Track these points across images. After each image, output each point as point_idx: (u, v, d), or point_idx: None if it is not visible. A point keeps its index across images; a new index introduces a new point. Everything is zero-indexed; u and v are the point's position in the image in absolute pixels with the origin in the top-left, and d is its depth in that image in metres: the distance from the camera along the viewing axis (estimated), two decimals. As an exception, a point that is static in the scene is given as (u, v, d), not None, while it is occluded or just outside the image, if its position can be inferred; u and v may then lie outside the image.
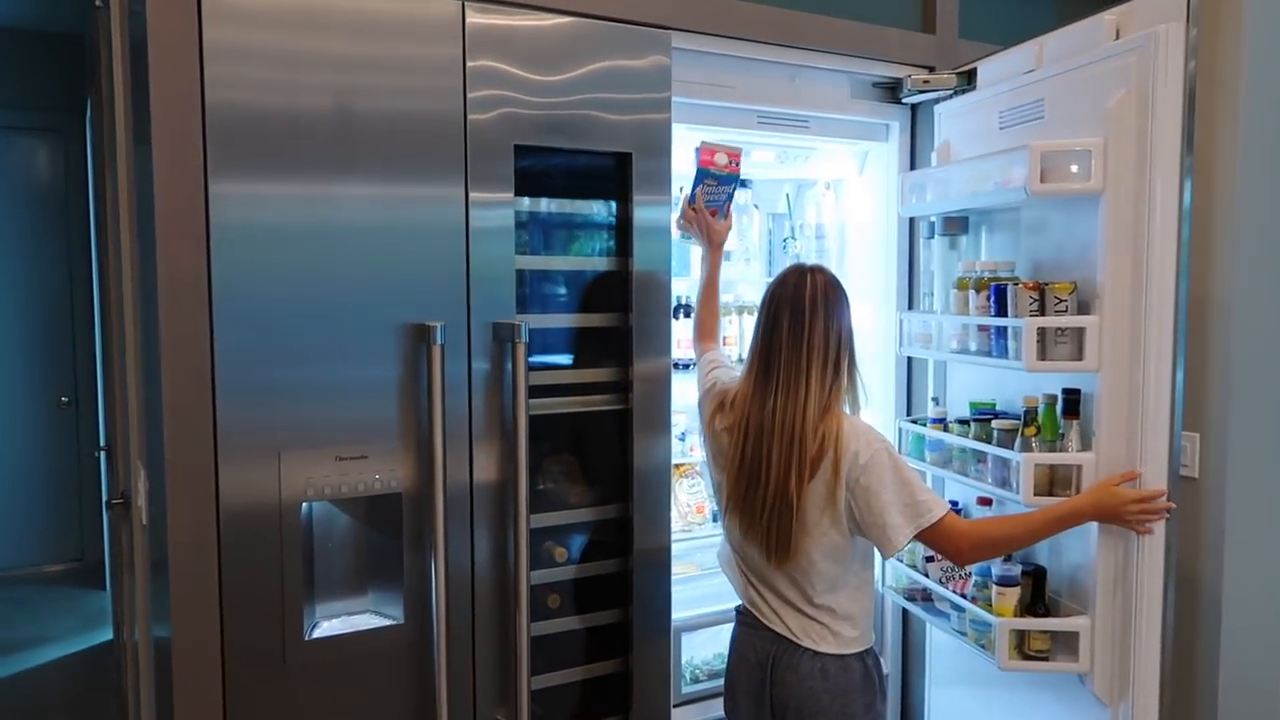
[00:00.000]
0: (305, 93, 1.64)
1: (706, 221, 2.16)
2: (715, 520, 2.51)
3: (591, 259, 2.07)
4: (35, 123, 5.27)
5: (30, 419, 5.28)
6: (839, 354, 1.78)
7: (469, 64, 1.77)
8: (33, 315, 5.28)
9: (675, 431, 2.11)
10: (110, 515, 2.78)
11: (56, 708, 3.69)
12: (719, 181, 2.15)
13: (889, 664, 2.64)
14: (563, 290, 2.05)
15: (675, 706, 2.24)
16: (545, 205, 2.00)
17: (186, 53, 1.55)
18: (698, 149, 2.15)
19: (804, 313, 1.76)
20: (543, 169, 1.96)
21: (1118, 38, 1.91)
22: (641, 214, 1.99)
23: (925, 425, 2.33)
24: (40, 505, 5.32)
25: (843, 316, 1.80)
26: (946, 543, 1.77)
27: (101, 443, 4.16)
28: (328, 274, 1.67)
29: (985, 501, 2.17)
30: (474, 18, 1.78)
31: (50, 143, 5.32)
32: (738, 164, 2.16)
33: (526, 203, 1.93)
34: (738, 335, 2.62)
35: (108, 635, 4.27)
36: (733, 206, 2.21)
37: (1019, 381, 2.06)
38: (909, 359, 2.59)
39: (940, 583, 2.23)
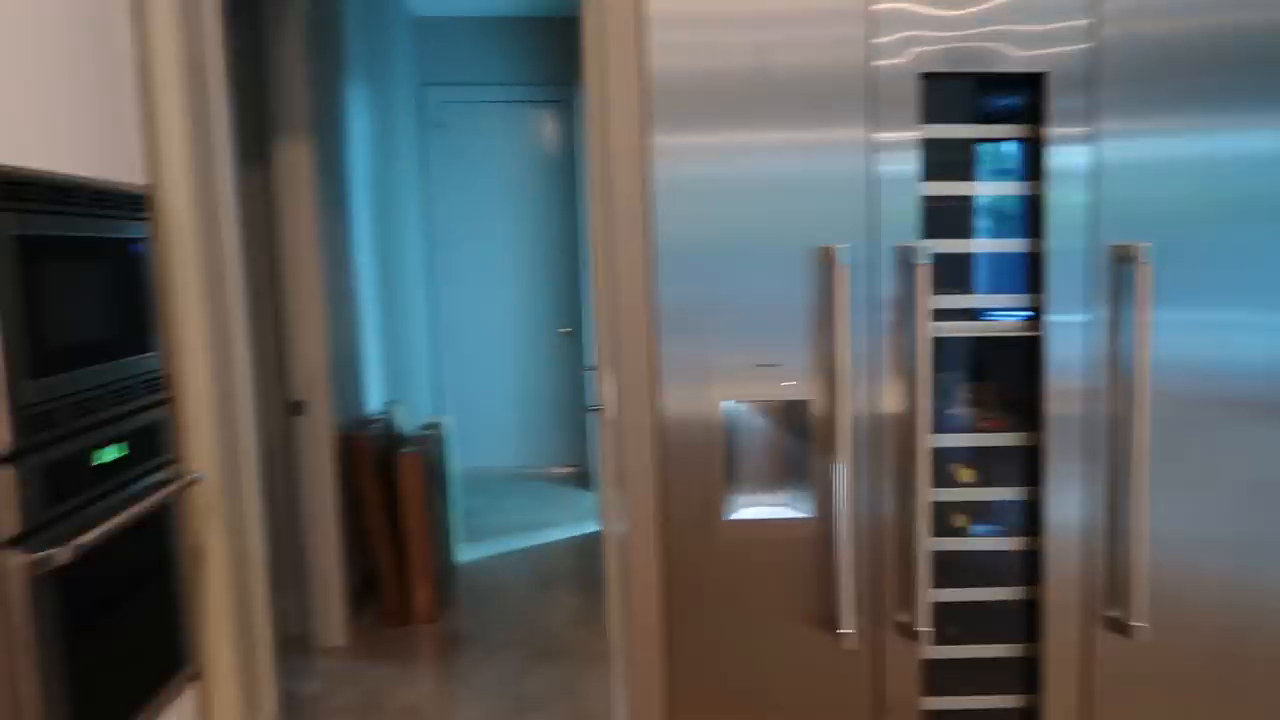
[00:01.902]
0: (727, 52, 1.86)
1: None
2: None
3: (999, 184, 2.04)
4: (542, 96, 6.29)
5: (540, 345, 6.43)
6: None
7: (870, 7, 1.87)
8: (541, 261, 6.38)
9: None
10: (591, 421, 3.35)
11: (562, 575, 4.59)
12: None
13: None
14: (970, 216, 2.06)
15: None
16: (950, 133, 2.02)
17: (631, 24, 1.86)
18: None
19: None
20: (948, 99, 1.98)
21: None
22: (1055, 138, 1.93)
23: None
24: (548, 417, 6.47)
25: None
26: None
27: (588, 364, 4.98)
28: (746, 205, 1.90)
29: None
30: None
31: (554, 113, 6.31)
32: None
33: (930, 130, 1.97)
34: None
35: (595, 528, 5.18)
36: None
37: None
38: None
39: None
